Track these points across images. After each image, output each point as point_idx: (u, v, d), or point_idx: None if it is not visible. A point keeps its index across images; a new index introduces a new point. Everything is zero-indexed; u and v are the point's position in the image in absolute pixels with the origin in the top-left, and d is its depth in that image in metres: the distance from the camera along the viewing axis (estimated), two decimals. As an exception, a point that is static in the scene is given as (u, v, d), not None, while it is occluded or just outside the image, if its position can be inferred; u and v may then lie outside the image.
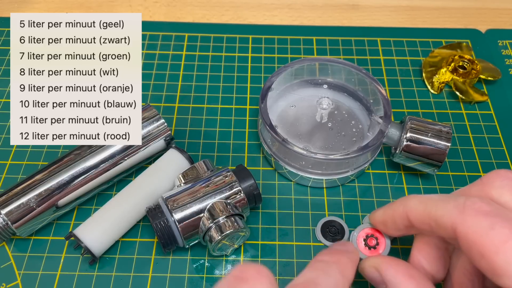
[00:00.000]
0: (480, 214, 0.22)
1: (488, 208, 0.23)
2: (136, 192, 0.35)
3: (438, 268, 0.27)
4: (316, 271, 0.24)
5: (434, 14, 0.53)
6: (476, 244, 0.22)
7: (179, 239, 0.33)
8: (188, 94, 0.45)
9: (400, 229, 0.28)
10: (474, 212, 0.23)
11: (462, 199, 0.23)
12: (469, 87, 0.45)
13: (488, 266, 0.22)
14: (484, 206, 0.23)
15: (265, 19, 0.53)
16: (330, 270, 0.24)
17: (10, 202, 0.33)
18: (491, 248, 0.21)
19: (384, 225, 0.29)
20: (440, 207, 0.24)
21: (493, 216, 0.22)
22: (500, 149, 0.41)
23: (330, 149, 0.38)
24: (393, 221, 0.28)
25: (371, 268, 0.27)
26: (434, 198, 0.25)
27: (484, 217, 0.22)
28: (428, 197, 0.26)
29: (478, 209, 0.23)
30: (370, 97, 0.40)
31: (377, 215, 0.30)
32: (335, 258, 0.25)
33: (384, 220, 0.29)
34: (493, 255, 0.21)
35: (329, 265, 0.25)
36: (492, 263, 0.21)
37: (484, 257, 0.22)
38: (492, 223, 0.22)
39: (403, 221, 0.27)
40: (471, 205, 0.23)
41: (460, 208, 0.23)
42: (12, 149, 0.40)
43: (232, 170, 0.35)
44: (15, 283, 0.33)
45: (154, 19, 0.52)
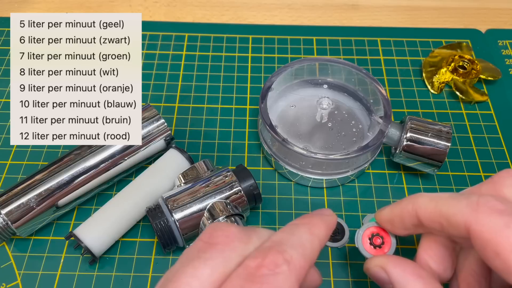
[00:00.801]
0: (495, 212, 0.22)
1: (502, 206, 0.22)
2: (136, 192, 0.35)
3: (445, 268, 0.27)
4: (284, 233, 0.23)
5: (434, 14, 0.53)
6: (491, 242, 0.21)
7: (179, 239, 0.33)
8: (188, 94, 0.45)
9: (408, 228, 0.27)
10: (488, 210, 0.22)
11: (475, 197, 0.23)
12: (469, 87, 0.45)
13: (503, 265, 0.21)
14: (498, 205, 0.22)
15: (265, 19, 0.53)
16: (298, 230, 0.24)
17: (10, 202, 0.33)
18: (506, 246, 0.21)
19: (391, 223, 0.28)
20: (452, 205, 0.24)
21: (508, 214, 0.22)
22: (500, 149, 0.41)
23: (330, 149, 0.38)
24: (401, 219, 0.27)
25: (377, 267, 0.26)
26: (444, 196, 0.25)
27: (499, 215, 0.22)
28: (438, 195, 0.25)
29: (492, 207, 0.22)
30: (370, 97, 0.40)
31: (384, 214, 0.29)
32: (306, 220, 0.25)
33: (392, 218, 0.28)
34: (509, 253, 0.21)
35: (298, 226, 0.24)
36: (508, 261, 0.21)
37: (499, 256, 0.21)
38: (508, 221, 0.21)
39: (411, 219, 0.26)
40: (485, 203, 0.23)
41: (473, 206, 0.23)
42: (12, 149, 0.40)
43: (232, 170, 0.35)
44: (15, 283, 0.33)
45: (154, 19, 0.52)
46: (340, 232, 0.36)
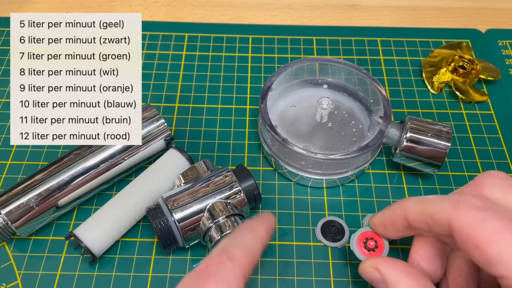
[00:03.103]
0: (473, 209, 0.24)
1: (480, 203, 0.24)
2: (136, 192, 0.35)
3: (435, 268, 0.28)
4: (229, 238, 0.26)
5: (434, 14, 0.53)
6: (470, 236, 0.23)
7: (179, 239, 0.33)
8: (188, 94, 0.45)
9: (399, 231, 0.29)
10: (467, 207, 0.24)
11: (456, 196, 0.25)
12: (469, 87, 0.45)
13: (481, 256, 0.23)
14: (477, 202, 0.24)
15: (265, 19, 0.53)
16: (241, 233, 0.27)
17: (10, 202, 0.33)
18: (483, 238, 0.22)
19: (383, 227, 0.30)
20: (436, 205, 0.25)
21: (485, 210, 0.23)
22: (500, 149, 0.41)
23: (330, 149, 0.38)
24: (392, 222, 0.29)
25: (370, 268, 0.28)
26: (430, 197, 0.27)
27: (477, 210, 0.23)
28: (425, 197, 0.27)
29: (471, 204, 0.24)
30: (370, 97, 0.40)
31: (376, 219, 0.31)
32: (248, 224, 0.28)
33: (383, 222, 0.30)
34: (486, 245, 0.22)
35: (242, 229, 0.27)
36: (485, 253, 0.22)
37: (478, 248, 0.23)
38: (484, 216, 0.23)
39: (401, 222, 0.28)
40: (465, 201, 0.24)
41: (454, 204, 0.24)
42: (12, 149, 0.40)
43: (232, 170, 0.35)
44: (15, 283, 0.33)
45: (154, 19, 0.52)
46: (340, 232, 0.36)
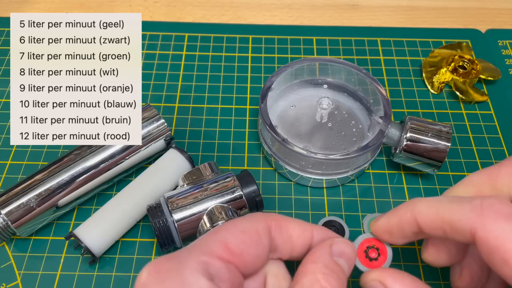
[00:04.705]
0: (501, 217, 0.21)
1: (508, 210, 0.21)
2: (136, 192, 0.35)
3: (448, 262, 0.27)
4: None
5: (434, 14, 0.53)
6: (499, 250, 0.21)
7: (177, 239, 0.33)
8: (188, 94, 0.45)
9: (407, 236, 0.26)
10: (494, 215, 0.21)
11: (478, 201, 0.22)
12: (469, 87, 0.45)
13: (511, 272, 0.20)
14: (504, 208, 0.21)
15: (265, 19, 0.53)
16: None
17: (10, 202, 0.33)
18: None
19: (389, 233, 0.27)
20: (455, 211, 0.23)
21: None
22: (500, 149, 0.41)
23: (330, 149, 0.38)
24: (400, 228, 0.26)
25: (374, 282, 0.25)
26: (444, 201, 0.24)
27: (505, 220, 0.21)
28: (436, 200, 0.24)
29: (497, 211, 0.21)
30: (370, 97, 0.40)
31: (381, 224, 0.27)
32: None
33: (389, 228, 0.27)
34: None
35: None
36: None
37: (507, 263, 0.20)
38: None
39: (411, 227, 0.25)
40: (489, 207, 0.22)
41: (478, 211, 0.22)
42: (12, 149, 0.40)
43: (236, 175, 0.34)
44: (15, 283, 0.33)
45: (154, 19, 0.52)
46: (340, 232, 0.36)
